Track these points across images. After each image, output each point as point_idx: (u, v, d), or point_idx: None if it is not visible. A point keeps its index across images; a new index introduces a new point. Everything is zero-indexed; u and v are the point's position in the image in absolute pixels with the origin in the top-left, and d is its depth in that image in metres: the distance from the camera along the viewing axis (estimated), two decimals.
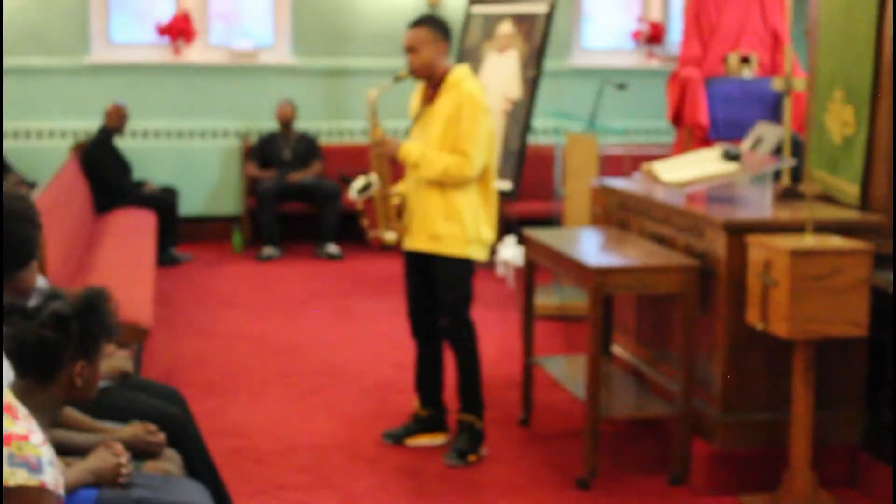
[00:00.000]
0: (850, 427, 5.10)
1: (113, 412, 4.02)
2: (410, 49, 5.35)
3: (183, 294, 8.73)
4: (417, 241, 5.44)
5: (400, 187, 5.57)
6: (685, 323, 5.04)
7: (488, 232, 5.44)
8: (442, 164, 5.25)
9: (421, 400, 5.67)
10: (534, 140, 8.14)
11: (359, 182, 5.53)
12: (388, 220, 5.53)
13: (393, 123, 10.06)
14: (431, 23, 5.39)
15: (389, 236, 5.53)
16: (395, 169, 5.59)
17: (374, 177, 5.50)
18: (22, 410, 2.51)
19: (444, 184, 5.31)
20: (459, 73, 5.38)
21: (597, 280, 4.98)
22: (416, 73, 5.39)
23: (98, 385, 3.17)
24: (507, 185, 8.46)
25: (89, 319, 3.05)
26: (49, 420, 3.02)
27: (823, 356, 4.91)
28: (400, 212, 5.52)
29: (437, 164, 5.26)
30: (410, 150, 5.35)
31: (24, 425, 2.46)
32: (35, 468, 2.43)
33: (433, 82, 5.41)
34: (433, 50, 5.34)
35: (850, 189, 5.47)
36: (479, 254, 5.42)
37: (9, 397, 2.50)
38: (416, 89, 5.58)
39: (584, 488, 5.06)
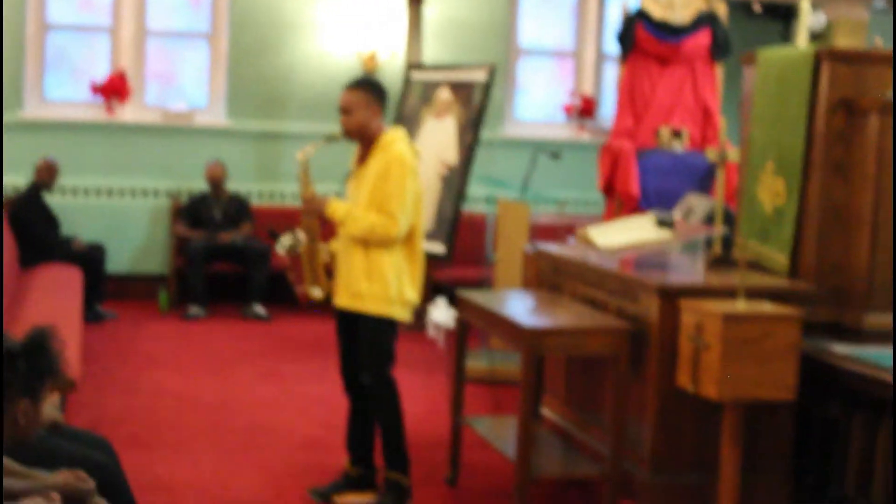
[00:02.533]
0: (777, 490, 5.15)
1: (43, 459, 3.97)
2: (344, 110, 5.41)
3: (108, 351, 8.63)
4: (342, 299, 5.46)
5: (332, 245, 5.60)
6: (617, 385, 5.08)
7: (412, 293, 5.45)
8: (367, 223, 5.28)
9: (350, 457, 5.65)
10: (467, 207, 8.22)
11: (286, 238, 5.57)
12: (314, 277, 5.56)
13: (328, 186, 10.12)
14: (366, 86, 5.45)
15: (316, 292, 5.57)
16: (328, 227, 5.61)
17: (301, 233, 5.54)
18: None
19: (368, 243, 5.34)
20: (391, 136, 5.42)
21: (531, 341, 5.01)
22: (349, 134, 5.44)
23: (39, 426, 3.12)
24: (440, 249, 8.50)
25: (37, 359, 2.99)
26: None
27: (751, 419, 4.97)
28: (329, 269, 5.54)
29: (362, 222, 5.29)
30: (337, 207, 5.40)
31: None
32: None
33: (366, 144, 5.45)
34: (366, 112, 5.39)
35: (779, 258, 5.57)
36: (401, 314, 5.43)
37: None
38: (355, 150, 5.62)
39: None
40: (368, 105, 5.40)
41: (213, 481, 5.81)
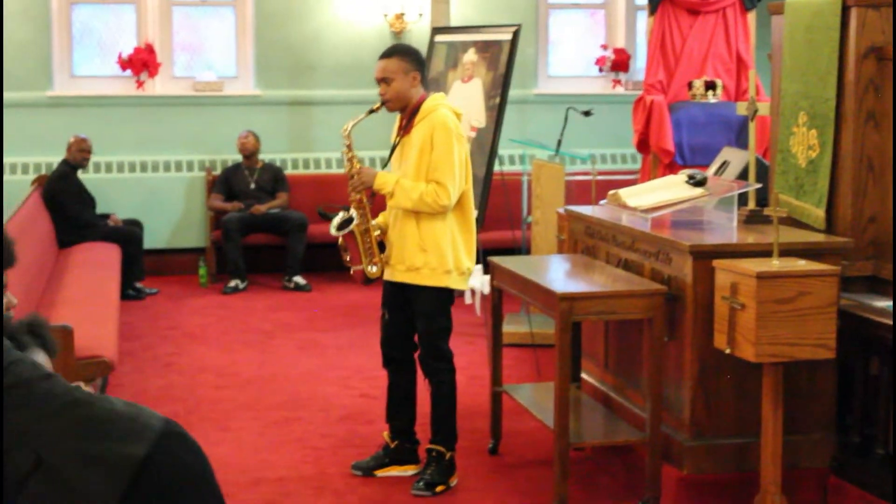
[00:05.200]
0: (820, 450, 5.08)
1: None
2: (382, 80, 5.28)
3: (148, 328, 8.66)
4: (396, 273, 5.37)
5: (380, 219, 5.51)
6: (653, 348, 5.02)
7: (468, 261, 5.37)
8: (417, 193, 5.18)
9: (391, 431, 5.61)
10: (499, 168, 8.14)
11: (338, 218, 5.45)
12: (370, 254, 5.45)
13: (371, 154, 10.13)
14: (403, 52, 5.33)
15: (373, 270, 5.44)
16: (378, 202, 5.52)
17: (353, 211, 5.43)
18: None
19: (420, 213, 5.25)
20: (433, 101, 5.30)
21: (564, 306, 4.95)
22: (389, 104, 5.32)
23: None
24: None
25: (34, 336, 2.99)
26: None
27: (792, 379, 4.89)
28: (382, 244, 5.46)
29: (412, 192, 5.20)
30: (386, 179, 5.29)
31: None
32: None
33: (408, 112, 5.35)
34: (405, 80, 5.28)
35: (815, 212, 5.47)
36: (458, 283, 5.36)
37: None
38: (396, 119, 5.51)
39: None
40: (406, 72, 5.28)
41: (255, 458, 5.81)
